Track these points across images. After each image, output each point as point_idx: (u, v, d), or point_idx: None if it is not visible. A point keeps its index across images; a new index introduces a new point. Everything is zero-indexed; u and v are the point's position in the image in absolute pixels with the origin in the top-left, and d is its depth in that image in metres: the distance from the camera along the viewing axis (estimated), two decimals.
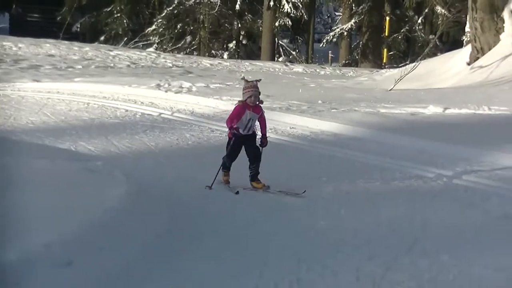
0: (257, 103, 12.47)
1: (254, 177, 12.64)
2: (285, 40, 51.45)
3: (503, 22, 28.25)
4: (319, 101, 21.72)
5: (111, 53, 38.01)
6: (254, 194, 12.11)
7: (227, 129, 12.65)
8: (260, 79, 12.74)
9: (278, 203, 11.59)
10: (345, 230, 10.26)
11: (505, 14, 28.14)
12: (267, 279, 8.18)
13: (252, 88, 12.38)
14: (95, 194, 9.60)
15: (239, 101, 12.57)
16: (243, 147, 12.76)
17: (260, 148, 12.62)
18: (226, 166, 12.80)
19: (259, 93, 12.43)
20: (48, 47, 36.70)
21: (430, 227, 10.54)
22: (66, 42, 40.28)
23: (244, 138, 12.59)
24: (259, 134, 12.91)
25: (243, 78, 12.88)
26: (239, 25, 48.45)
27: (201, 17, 47.70)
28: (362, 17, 46.97)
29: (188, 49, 47.35)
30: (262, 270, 8.45)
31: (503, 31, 28.29)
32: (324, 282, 8.17)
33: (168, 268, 8.42)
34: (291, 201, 11.77)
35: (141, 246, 8.77)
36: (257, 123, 12.83)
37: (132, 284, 7.51)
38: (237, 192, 12.23)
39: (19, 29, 46.91)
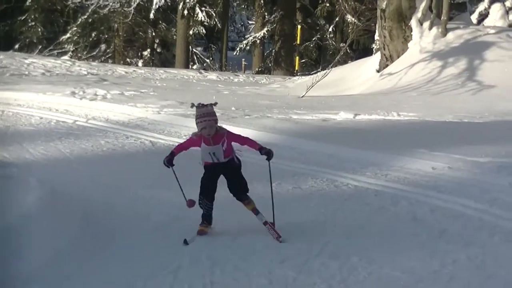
0: (220, 132, 9.89)
1: (246, 198, 10.43)
2: (199, 48, 51.53)
3: (411, 30, 28.65)
4: (233, 108, 21.71)
5: (26, 61, 37.62)
6: (167, 197, 12.01)
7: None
8: (216, 103, 10.18)
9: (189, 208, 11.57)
10: (257, 234, 10.26)
11: (413, 22, 28.52)
12: (181, 282, 8.20)
13: (205, 117, 9.73)
14: (9, 200, 9.54)
15: (193, 133, 10.19)
16: (219, 180, 10.31)
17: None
18: (204, 216, 10.25)
19: (216, 121, 9.84)
20: None
21: (341, 230, 10.61)
22: None
23: (218, 168, 10.12)
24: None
25: (193, 106, 9.91)
26: (154, 34, 48.40)
27: (116, 25, 47.59)
28: (274, 25, 47.20)
29: (103, 57, 47.20)
30: (176, 272, 8.47)
31: (411, 39, 28.69)
32: (237, 284, 8.19)
33: (80, 273, 8.38)
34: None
35: (53, 251, 8.72)
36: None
37: None
38: (186, 242, 9.63)
39: None
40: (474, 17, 33.81)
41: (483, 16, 33.96)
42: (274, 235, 9.94)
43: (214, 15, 46.61)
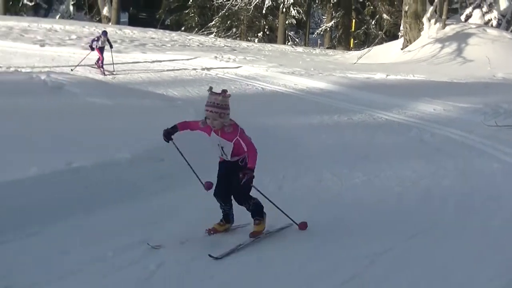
0: (226, 130, 5.75)
1: (252, 215, 6.02)
2: (292, 32, 50.88)
3: (423, 24, 28.19)
4: (312, 69, 21.55)
5: (188, 37, 37.76)
6: (267, 119, 11.98)
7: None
8: (230, 95, 5.85)
9: (287, 121, 11.57)
10: (325, 146, 10.31)
11: (424, 20, 28.08)
12: (276, 174, 8.23)
13: (210, 107, 5.70)
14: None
15: (201, 121, 5.94)
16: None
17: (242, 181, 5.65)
18: (223, 215, 6.10)
19: (226, 114, 5.74)
20: (151, 33, 36.48)
21: (376, 146, 10.59)
22: (161, 30, 40.00)
23: (225, 166, 5.97)
24: None
25: (210, 90, 5.86)
26: (264, 23, 48.07)
27: (242, 17, 47.53)
28: (338, 19, 46.58)
29: (234, 36, 47.12)
30: (272, 170, 8.50)
31: (423, 29, 28.23)
32: (307, 176, 8.21)
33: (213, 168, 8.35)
34: (297, 127, 11.77)
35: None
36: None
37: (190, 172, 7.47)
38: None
39: (134, 22, 47.07)
40: (462, 17, 32.94)
41: (468, 16, 33.02)
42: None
43: (301, 12, 46.25)
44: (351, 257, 5.48)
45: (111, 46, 19.38)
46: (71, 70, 18.72)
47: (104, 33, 19.46)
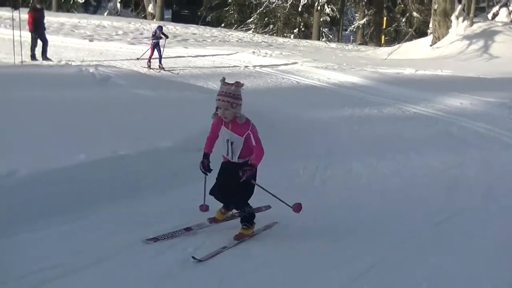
0: (239, 120, 5.29)
1: (241, 220, 5.44)
2: (326, 29, 50.56)
3: (451, 22, 27.89)
4: (344, 64, 21.43)
5: (227, 33, 37.82)
6: (302, 112, 11.93)
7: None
8: (243, 84, 5.41)
9: (319, 119, 11.51)
10: (356, 138, 10.22)
11: (452, 18, 27.79)
12: (310, 164, 8.21)
13: (222, 97, 5.23)
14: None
15: (212, 114, 5.46)
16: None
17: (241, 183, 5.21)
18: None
19: (238, 104, 5.27)
20: (192, 29, 36.61)
21: (404, 137, 10.48)
22: (202, 26, 40.11)
23: (227, 167, 5.46)
24: None
25: (222, 80, 5.40)
26: (300, 19, 47.90)
27: (278, 14, 47.45)
28: (370, 17, 46.21)
29: (271, 32, 47.00)
30: (306, 161, 8.48)
31: (451, 27, 27.92)
32: (338, 166, 8.15)
33: None
34: (329, 119, 11.70)
35: None
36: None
37: None
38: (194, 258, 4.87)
39: (177, 19, 47.23)
40: (489, 16, 32.49)
41: (495, 15, 32.55)
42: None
43: (335, 9, 46.04)
44: (373, 245, 5.44)
45: (166, 37, 20.27)
46: (137, 59, 20.10)
47: (160, 28, 19.71)
